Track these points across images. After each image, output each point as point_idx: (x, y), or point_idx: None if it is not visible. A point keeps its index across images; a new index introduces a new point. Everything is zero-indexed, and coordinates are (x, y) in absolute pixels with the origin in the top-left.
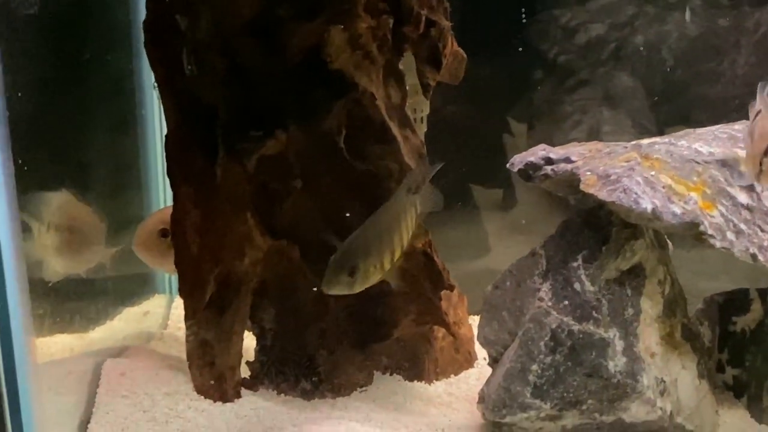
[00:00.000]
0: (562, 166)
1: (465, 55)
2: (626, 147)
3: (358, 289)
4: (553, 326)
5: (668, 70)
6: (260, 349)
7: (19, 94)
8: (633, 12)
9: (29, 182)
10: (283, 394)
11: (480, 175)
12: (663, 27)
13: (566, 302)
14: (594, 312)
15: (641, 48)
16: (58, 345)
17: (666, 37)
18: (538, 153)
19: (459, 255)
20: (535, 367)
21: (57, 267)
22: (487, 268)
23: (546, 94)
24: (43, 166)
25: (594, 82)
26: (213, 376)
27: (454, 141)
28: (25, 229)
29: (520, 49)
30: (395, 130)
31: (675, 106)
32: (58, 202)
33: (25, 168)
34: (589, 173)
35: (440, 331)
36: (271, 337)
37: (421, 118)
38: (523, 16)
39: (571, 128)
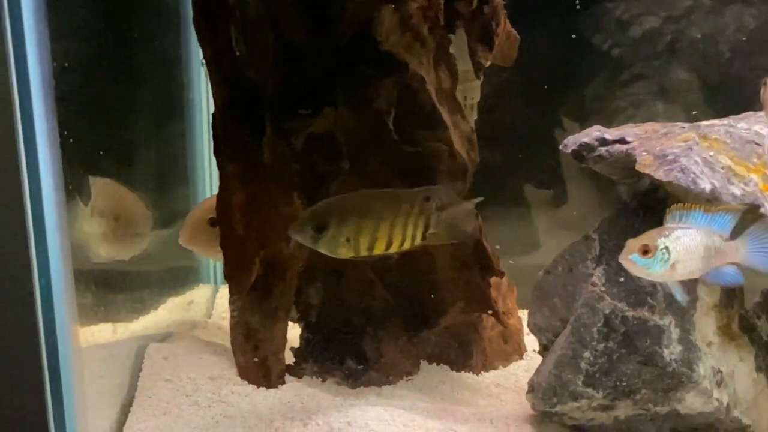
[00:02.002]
0: (617, 147)
1: (518, 36)
2: (684, 127)
3: (322, 250)
4: (607, 312)
5: (725, 62)
6: (306, 328)
7: (66, 65)
8: (689, 4)
9: (74, 161)
10: (327, 381)
11: (530, 171)
12: (720, 19)
13: (620, 287)
14: (649, 298)
15: (697, 41)
16: (101, 333)
17: (723, 30)
18: (592, 134)
19: (508, 251)
20: (587, 354)
21: (101, 252)
22: (536, 264)
23: (599, 88)
24: (89, 146)
25: (648, 76)
26: (256, 360)
27: (504, 136)
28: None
29: (572, 42)
30: (445, 115)
31: (731, 99)
32: (103, 186)
33: (71, 141)
34: (645, 153)
35: (489, 321)
36: (316, 318)
37: (472, 105)
38: (577, 6)
39: (624, 123)
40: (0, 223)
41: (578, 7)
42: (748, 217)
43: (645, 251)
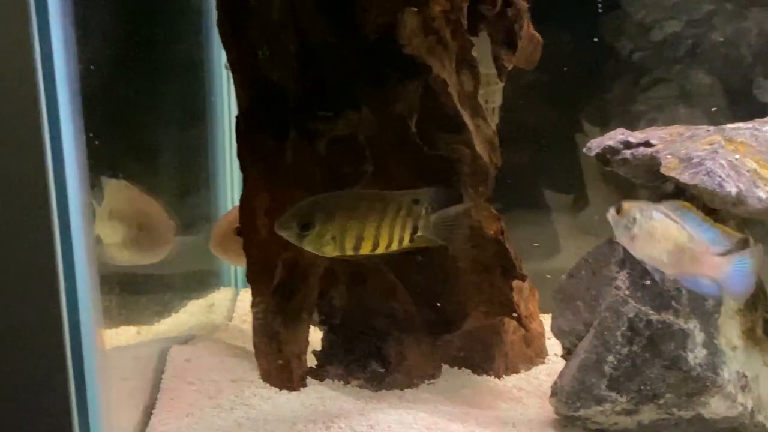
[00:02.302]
0: (642, 150)
1: (541, 39)
2: (709, 130)
3: (307, 247)
4: (631, 315)
5: (746, 66)
6: (329, 331)
7: (91, 67)
8: (710, 8)
9: (99, 163)
10: (349, 384)
11: (551, 176)
12: (741, 23)
13: (645, 291)
14: (673, 302)
15: (719, 44)
16: (123, 336)
17: (744, 34)
18: (616, 137)
19: (529, 255)
20: (611, 358)
21: (120, 258)
22: (556, 268)
23: (620, 92)
24: (113, 148)
25: (670, 80)
26: (279, 363)
27: (525, 140)
28: None
29: (594, 45)
30: (467, 118)
31: (753, 103)
32: (126, 191)
33: (96, 142)
34: (670, 157)
35: (511, 325)
36: (339, 321)
37: (493, 109)
38: (599, 9)
39: (645, 127)
40: (26, 224)
41: (600, 10)
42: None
43: (618, 210)
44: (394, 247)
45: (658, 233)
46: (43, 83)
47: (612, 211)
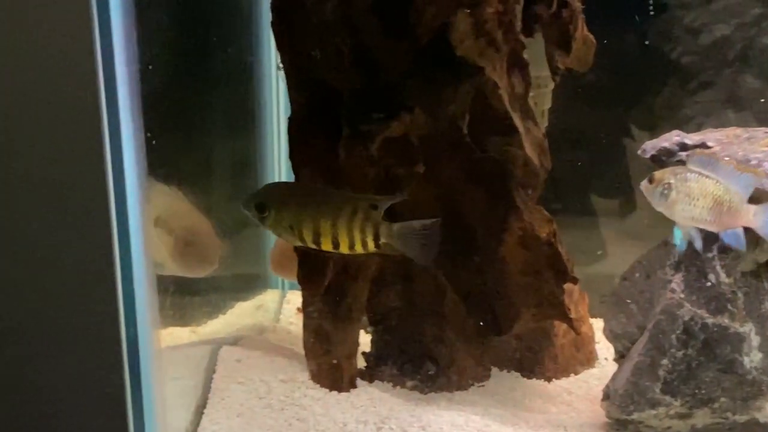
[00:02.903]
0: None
1: (594, 41)
2: (767, 132)
3: (269, 230)
4: (686, 318)
5: None
6: (382, 332)
7: (150, 67)
8: (760, 12)
9: (156, 165)
10: (398, 386)
11: (598, 180)
12: None
13: (700, 294)
14: (729, 305)
15: None
16: (176, 336)
17: None
18: (672, 138)
19: (575, 259)
20: (665, 361)
21: (161, 268)
22: (603, 272)
23: (668, 96)
24: (169, 150)
25: (719, 84)
26: (329, 364)
27: (572, 144)
28: None
29: (643, 49)
30: (517, 120)
31: None
32: (175, 203)
33: (154, 143)
34: (727, 158)
35: (560, 329)
36: (395, 320)
37: (542, 112)
38: (650, 12)
39: (694, 131)
40: (85, 225)
41: (651, 13)
42: None
43: (651, 180)
44: (358, 249)
45: (696, 191)
46: (103, 83)
47: (645, 183)
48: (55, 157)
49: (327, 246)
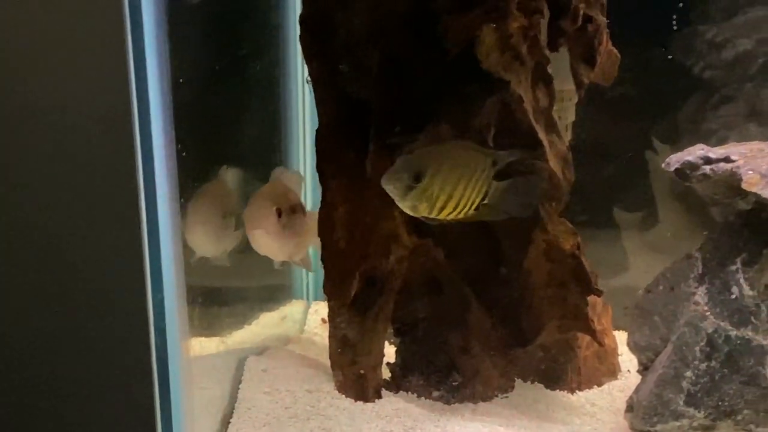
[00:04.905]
0: (722, 165)
1: (619, 55)
2: None
3: (407, 203)
4: (710, 331)
5: None
6: (405, 342)
7: (181, 80)
8: None
9: (187, 176)
10: (423, 397)
11: (620, 193)
12: None
13: (723, 307)
14: (752, 318)
15: None
16: (204, 346)
17: None
18: (696, 152)
19: (597, 272)
20: (689, 373)
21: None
22: (625, 285)
23: (691, 110)
24: (199, 161)
25: (741, 98)
26: (355, 374)
27: (595, 157)
28: None
29: (665, 63)
30: (542, 134)
31: None
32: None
33: (184, 155)
34: (751, 172)
35: (584, 340)
36: (418, 332)
37: (566, 126)
38: (674, 27)
39: (716, 145)
40: (116, 235)
41: (675, 28)
42: None
43: None
44: (462, 214)
45: None
46: (136, 95)
47: None
48: (86, 168)
49: (447, 211)
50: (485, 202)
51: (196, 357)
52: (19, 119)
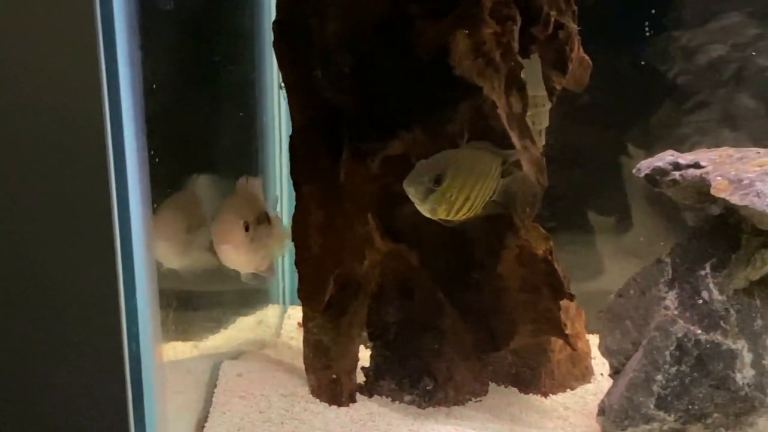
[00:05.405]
0: (691, 171)
1: (590, 62)
2: (759, 152)
3: (427, 207)
4: (680, 335)
5: None
6: (382, 347)
7: (154, 86)
8: (755, 33)
9: (159, 182)
10: (396, 401)
11: (594, 198)
12: None
13: (693, 311)
14: (722, 322)
15: (764, 69)
16: (178, 350)
17: None
18: (666, 158)
19: (572, 276)
20: (659, 377)
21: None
22: (599, 289)
23: (664, 115)
24: (171, 167)
25: (714, 103)
26: (329, 379)
27: (569, 162)
28: None
29: (638, 69)
30: (515, 139)
31: None
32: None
33: (157, 160)
34: (719, 178)
35: (557, 344)
36: (393, 335)
37: (540, 131)
38: (646, 33)
39: (689, 150)
40: (89, 240)
41: (648, 33)
42: None
43: None
44: (473, 212)
45: None
46: (108, 101)
47: None
48: (58, 173)
49: (463, 212)
50: (493, 198)
51: (170, 361)
52: None
